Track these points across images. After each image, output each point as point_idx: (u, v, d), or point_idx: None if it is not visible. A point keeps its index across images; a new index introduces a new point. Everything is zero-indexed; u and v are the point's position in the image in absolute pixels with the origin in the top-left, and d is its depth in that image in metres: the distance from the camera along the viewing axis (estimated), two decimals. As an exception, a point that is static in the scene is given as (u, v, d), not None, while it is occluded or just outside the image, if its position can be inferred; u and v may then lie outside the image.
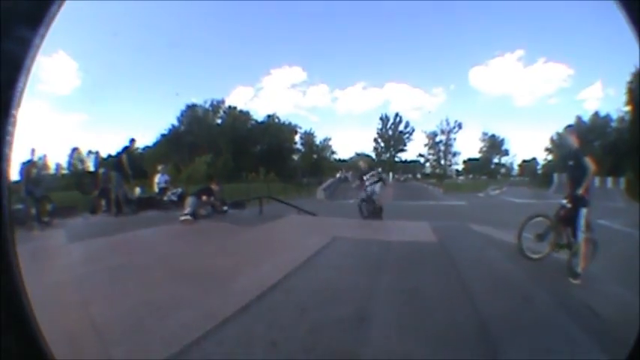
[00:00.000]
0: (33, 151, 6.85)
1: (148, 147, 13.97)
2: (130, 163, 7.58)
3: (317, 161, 16.12)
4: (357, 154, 15.95)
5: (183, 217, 6.42)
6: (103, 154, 12.22)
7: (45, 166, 8.83)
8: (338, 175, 14.12)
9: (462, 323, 2.35)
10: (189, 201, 6.73)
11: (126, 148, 7.93)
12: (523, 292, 3.00)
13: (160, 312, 2.63)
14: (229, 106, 15.45)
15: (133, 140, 8.45)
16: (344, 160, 16.17)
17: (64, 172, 13.12)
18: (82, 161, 13.71)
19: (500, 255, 4.26)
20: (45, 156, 8.00)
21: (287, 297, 2.89)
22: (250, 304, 2.65)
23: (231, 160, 13.97)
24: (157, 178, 8.65)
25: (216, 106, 15.32)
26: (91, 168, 13.16)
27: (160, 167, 9.05)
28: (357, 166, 6.56)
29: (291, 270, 3.49)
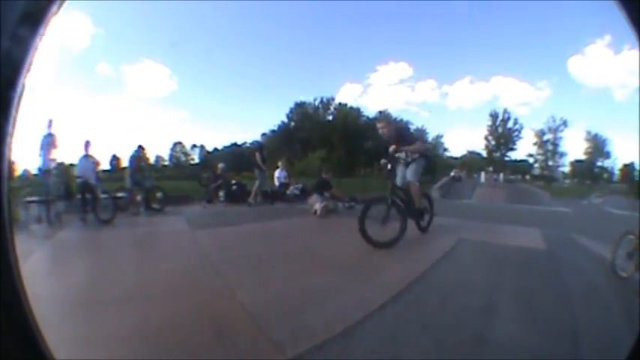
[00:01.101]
0: (87, 143, 6.80)
1: (256, 142, 14.88)
2: (262, 158, 7.93)
3: (429, 158, 16.36)
4: (470, 152, 15.12)
5: (316, 211, 6.56)
6: (209, 148, 13.26)
7: (144, 158, 9.00)
8: (452, 174, 13.41)
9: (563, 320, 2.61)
10: (315, 197, 6.83)
11: (259, 144, 8.32)
12: (605, 305, 3.05)
13: (317, 297, 2.82)
14: (339, 103, 15.69)
15: (264, 135, 8.97)
16: (456, 158, 15.50)
17: (165, 163, 13.64)
18: (185, 154, 14.25)
19: (595, 268, 4.33)
20: (141, 148, 8.13)
21: (430, 288, 3.15)
22: (400, 293, 2.89)
23: (344, 155, 14.00)
24: (277, 173, 8.92)
25: (326, 103, 15.29)
26: (196, 160, 14.18)
27: (279, 163, 9.28)
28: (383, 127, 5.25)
29: (430, 265, 3.76)
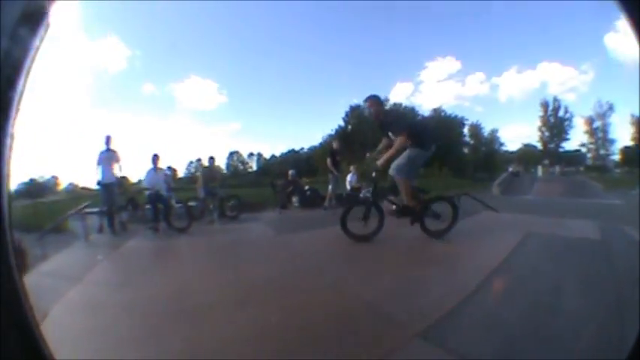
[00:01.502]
0: (155, 157, 7.17)
1: (314, 147, 14.30)
2: (334, 163, 8.02)
3: (487, 154, 15.39)
4: (525, 145, 14.55)
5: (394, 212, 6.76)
6: (266, 155, 13.69)
7: (217, 168, 9.26)
8: (510, 170, 12.90)
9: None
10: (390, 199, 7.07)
11: (331, 149, 8.42)
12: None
13: (415, 287, 3.11)
14: (394, 103, 15.43)
15: (334, 140, 9.16)
16: (512, 152, 14.98)
17: (223, 172, 13.90)
18: (242, 163, 14.67)
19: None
20: (213, 159, 8.26)
21: (507, 279, 3.37)
22: (482, 284, 3.06)
23: None
24: (349, 177, 9.02)
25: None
26: (254, 168, 14.68)
27: (351, 167, 9.34)
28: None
29: (504, 258, 3.86)
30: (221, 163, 14.10)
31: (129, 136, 7.71)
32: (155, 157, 7.07)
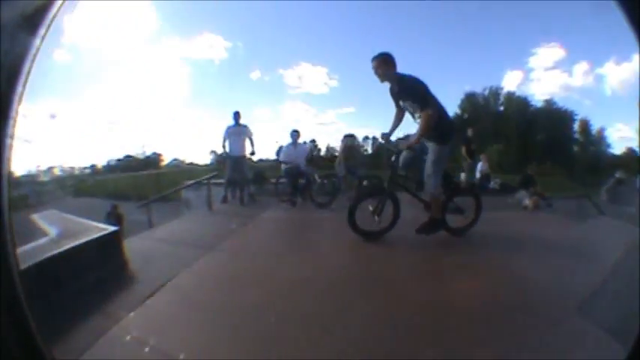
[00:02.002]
0: (295, 132, 7.20)
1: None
2: (469, 151, 8.02)
3: (594, 155, 13.88)
4: (629, 149, 12.93)
5: (527, 206, 6.62)
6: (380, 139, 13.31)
7: (356, 147, 9.16)
8: (617, 175, 12.62)
9: None
10: (522, 192, 6.92)
11: (465, 137, 8.38)
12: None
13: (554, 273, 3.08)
14: (508, 92, 14.19)
15: (469, 128, 8.97)
16: (616, 156, 13.29)
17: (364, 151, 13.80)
18: (359, 146, 14.26)
19: None
20: (352, 137, 8.15)
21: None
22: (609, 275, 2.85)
23: (518, 149, 12.75)
24: (479, 166, 8.88)
25: (495, 92, 14.16)
26: (369, 151, 14.45)
27: (482, 156, 9.20)
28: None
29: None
30: (337, 146, 13.99)
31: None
32: (295, 133, 7.06)
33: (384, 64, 3.61)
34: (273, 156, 7.98)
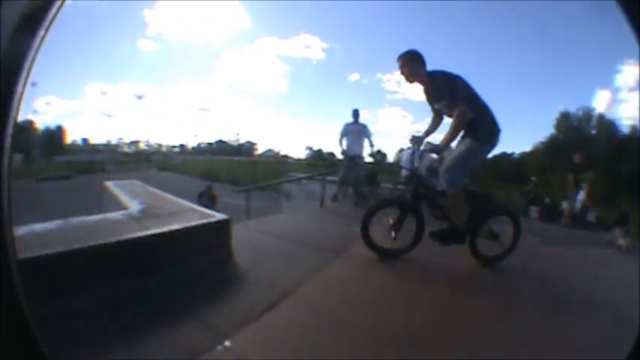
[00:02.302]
0: (415, 138, 7.18)
1: (525, 152, 13.29)
2: (576, 180, 7.51)
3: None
4: None
5: (621, 246, 6.03)
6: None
7: None
8: None
9: None
10: (619, 230, 6.31)
11: (574, 166, 7.91)
12: None
13: None
14: (599, 114, 13.11)
15: (576, 154, 8.28)
16: None
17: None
18: None
19: None
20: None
21: None
22: None
23: (608, 179, 12.01)
24: (580, 195, 7.82)
25: (587, 113, 13.16)
26: None
27: (584, 185, 8.28)
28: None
29: None
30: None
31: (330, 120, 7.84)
32: (415, 138, 6.64)
33: (411, 61, 3.17)
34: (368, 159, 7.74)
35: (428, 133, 3.46)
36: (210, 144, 14.94)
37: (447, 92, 3.04)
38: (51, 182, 11.57)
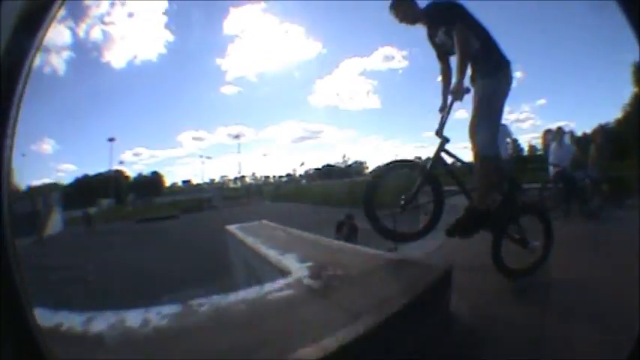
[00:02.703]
0: (561, 130, 6.15)
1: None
2: None
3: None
4: None
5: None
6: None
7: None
8: None
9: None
10: None
11: None
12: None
13: None
14: None
15: None
16: None
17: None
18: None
19: None
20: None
21: None
22: None
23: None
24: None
25: None
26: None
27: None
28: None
29: None
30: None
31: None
32: (561, 131, 6.06)
33: (401, 4, 2.82)
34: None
35: (444, 90, 2.88)
36: (317, 169, 14.84)
37: (443, 16, 2.69)
38: (154, 223, 11.55)
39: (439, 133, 2.70)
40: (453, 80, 2.64)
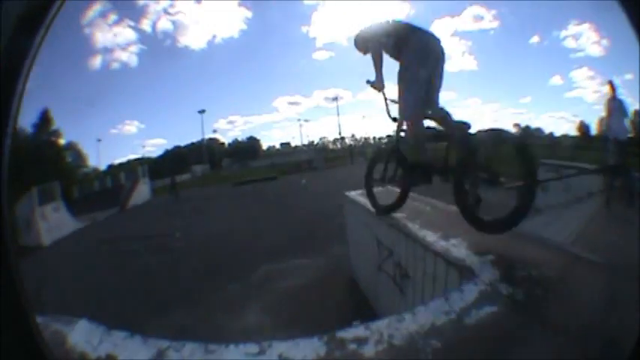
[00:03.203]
0: None
1: None
2: None
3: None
4: None
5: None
6: None
7: None
8: None
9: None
10: None
11: None
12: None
13: None
14: None
15: None
16: None
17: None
18: None
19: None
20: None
21: None
22: None
23: None
24: None
25: None
26: None
27: None
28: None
29: None
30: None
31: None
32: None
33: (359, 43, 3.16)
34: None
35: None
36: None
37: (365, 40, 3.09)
38: (249, 186, 11.42)
39: (390, 116, 3.07)
40: None
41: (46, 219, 8.83)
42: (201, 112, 11.55)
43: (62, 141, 11.14)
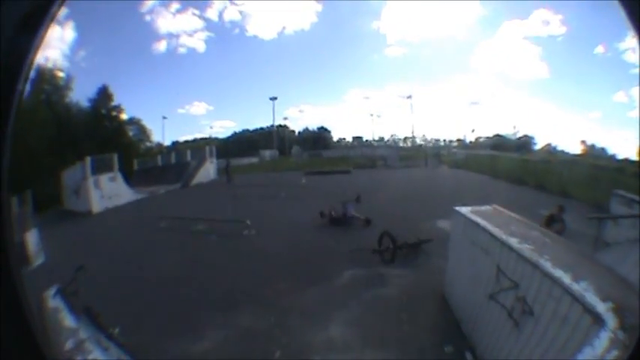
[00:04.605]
0: None
1: None
2: None
3: None
4: None
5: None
6: None
7: None
8: None
9: None
10: None
11: None
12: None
13: None
14: None
15: None
16: None
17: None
18: None
19: None
20: None
21: None
22: None
23: None
24: None
25: None
26: None
27: None
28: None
29: None
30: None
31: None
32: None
33: None
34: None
35: None
36: (488, 138, 14.19)
37: None
38: (325, 177, 11.40)
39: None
40: None
41: (100, 187, 9.19)
42: (273, 99, 12.24)
43: (124, 116, 11.89)
